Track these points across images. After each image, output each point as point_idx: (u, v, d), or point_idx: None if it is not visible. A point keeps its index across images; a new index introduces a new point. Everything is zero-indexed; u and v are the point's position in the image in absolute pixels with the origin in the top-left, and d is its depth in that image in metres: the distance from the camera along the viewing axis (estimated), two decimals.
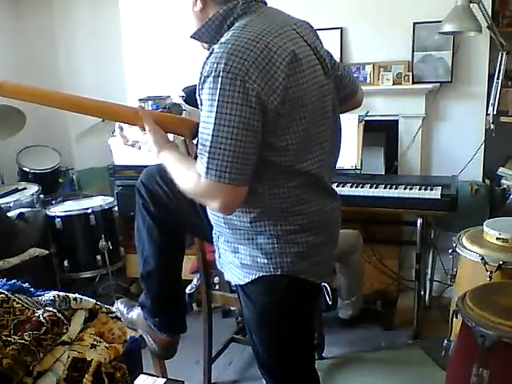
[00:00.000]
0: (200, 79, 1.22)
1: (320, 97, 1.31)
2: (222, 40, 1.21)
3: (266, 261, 1.34)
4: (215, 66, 1.16)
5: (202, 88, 1.20)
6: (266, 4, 1.36)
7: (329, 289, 2.94)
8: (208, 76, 1.17)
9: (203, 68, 1.21)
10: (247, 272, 1.37)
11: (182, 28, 1.40)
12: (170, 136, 1.45)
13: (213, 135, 1.17)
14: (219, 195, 1.21)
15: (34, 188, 3.28)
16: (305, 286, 1.39)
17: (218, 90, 1.15)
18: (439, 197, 2.53)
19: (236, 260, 1.39)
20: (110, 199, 3.20)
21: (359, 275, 2.77)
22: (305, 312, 1.47)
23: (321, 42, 1.42)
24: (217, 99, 1.15)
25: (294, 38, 1.27)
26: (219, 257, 1.48)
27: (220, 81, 1.15)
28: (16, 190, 3.25)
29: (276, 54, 1.19)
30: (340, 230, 1.51)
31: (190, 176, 1.26)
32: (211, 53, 1.20)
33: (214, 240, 1.48)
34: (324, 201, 1.37)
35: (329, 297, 2.95)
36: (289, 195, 1.30)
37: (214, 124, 1.16)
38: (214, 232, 1.47)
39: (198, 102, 1.25)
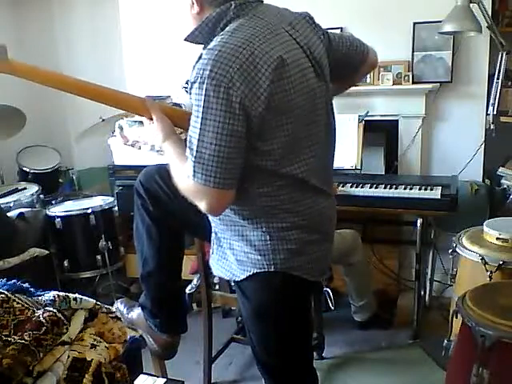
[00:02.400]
0: (189, 84, 1.23)
1: (310, 100, 1.31)
2: (210, 45, 1.22)
3: (259, 257, 1.35)
4: (201, 72, 1.18)
5: (190, 93, 1.22)
6: (262, 2, 1.35)
7: (331, 293, 2.96)
8: (194, 82, 1.19)
9: (192, 72, 1.23)
10: (242, 268, 1.38)
11: (182, 28, 1.40)
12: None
13: (198, 140, 1.19)
14: (205, 198, 1.24)
15: (34, 188, 3.29)
16: (299, 283, 1.39)
17: (203, 97, 1.17)
18: (439, 197, 2.53)
19: (232, 256, 1.40)
20: (110, 199, 3.20)
21: (364, 275, 2.78)
22: (300, 309, 1.48)
23: (319, 34, 1.41)
24: (202, 105, 1.18)
25: (284, 41, 1.27)
26: (212, 252, 1.49)
27: (205, 87, 1.17)
28: (16, 190, 3.25)
29: (262, 61, 1.20)
30: (336, 231, 1.52)
31: (181, 174, 1.28)
32: (199, 58, 1.22)
33: (212, 236, 1.48)
34: (316, 199, 1.38)
35: (331, 301, 2.97)
36: (277, 194, 1.31)
37: (200, 129, 1.19)
38: (212, 229, 1.48)
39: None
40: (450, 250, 2.16)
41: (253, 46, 1.20)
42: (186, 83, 3.41)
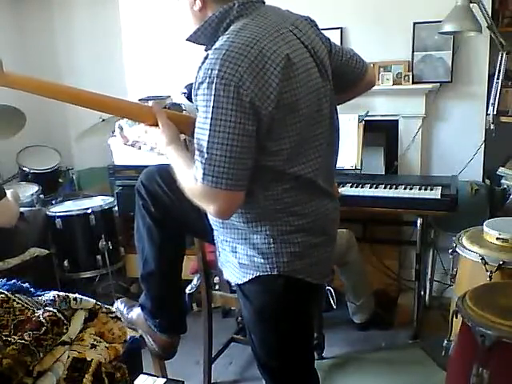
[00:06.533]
0: (195, 84, 1.22)
1: (315, 100, 1.31)
2: (217, 45, 1.21)
3: (262, 261, 1.34)
4: (209, 72, 1.16)
5: (197, 94, 1.21)
6: (264, 3, 1.35)
7: (333, 292, 2.95)
8: (202, 82, 1.18)
9: (198, 73, 1.21)
10: (245, 272, 1.38)
11: (182, 28, 1.40)
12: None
13: (208, 141, 1.17)
14: (216, 200, 1.21)
15: (33, 188, 3.29)
16: (302, 286, 1.39)
17: (213, 97, 1.15)
18: (439, 197, 2.53)
19: (235, 259, 1.39)
20: (110, 199, 3.20)
21: (360, 274, 2.78)
22: (303, 312, 1.48)
23: (321, 37, 1.41)
24: (211, 105, 1.16)
25: (289, 40, 1.27)
26: (219, 255, 1.49)
27: (214, 87, 1.15)
28: None
29: (270, 60, 1.19)
30: None
31: (189, 178, 1.26)
32: (206, 58, 1.21)
33: (215, 239, 1.48)
34: (320, 201, 1.37)
35: (333, 300, 2.96)
36: (283, 196, 1.30)
37: (210, 130, 1.17)
38: (214, 232, 1.48)
39: (194, 106, 1.26)
40: (450, 250, 2.16)
41: (260, 44, 1.19)
42: (185, 88, 3.41)
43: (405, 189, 2.63)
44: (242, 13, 1.27)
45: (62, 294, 1.38)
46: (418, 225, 2.63)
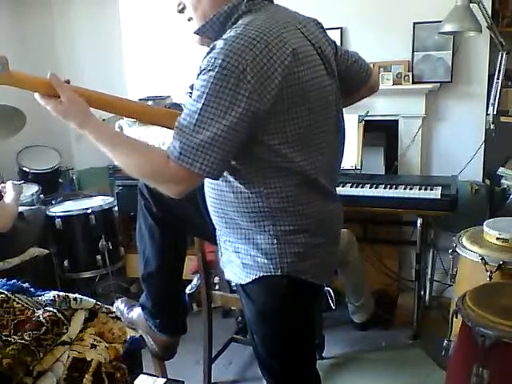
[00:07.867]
0: (198, 72, 1.21)
1: (321, 97, 1.30)
2: (224, 36, 1.20)
3: (266, 261, 1.33)
4: (213, 60, 1.16)
5: (197, 79, 1.20)
6: (273, 2, 1.35)
7: (332, 293, 2.96)
8: (204, 69, 1.17)
9: (202, 62, 1.20)
10: (248, 272, 1.37)
11: (182, 28, 1.40)
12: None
13: (195, 124, 1.16)
14: (183, 181, 1.20)
15: (33, 188, 3.29)
16: (305, 287, 1.38)
17: (210, 84, 1.15)
18: (439, 197, 2.53)
19: (238, 260, 1.39)
20: (110, 199, 3.20)
21: (361, 274, 2.78)
22: (305, 312, 1.47)
23: (328, 39, 1.41)
24: (206, 92, 1.15)
25: (296, 37, 1.26)
26: (221, 255, 1.48)
27: (214, 75, 1.15)
28: None
29: (275, 56, 1.18)
30: None
31: (153, 156, 1.24)
32: (212, 48, 1.20)
33: (217, 239, 1.48)
34: (324, 202, 1.37)
35: (332, 301, 2.96)
36: (285, 195, 1.29)
37: (199, 114, 1.16)
38: (216, 232, 1.47)
39: None
40: (450, 250, 2.16)
41: (267, 39, 1.18)
42: (190, 88, 3.40)
43: (405, 189, 2.64)
44: (250, 8, 1.27)
45: (61, 294, 1.39)
46: (418, 225, 2.63)
